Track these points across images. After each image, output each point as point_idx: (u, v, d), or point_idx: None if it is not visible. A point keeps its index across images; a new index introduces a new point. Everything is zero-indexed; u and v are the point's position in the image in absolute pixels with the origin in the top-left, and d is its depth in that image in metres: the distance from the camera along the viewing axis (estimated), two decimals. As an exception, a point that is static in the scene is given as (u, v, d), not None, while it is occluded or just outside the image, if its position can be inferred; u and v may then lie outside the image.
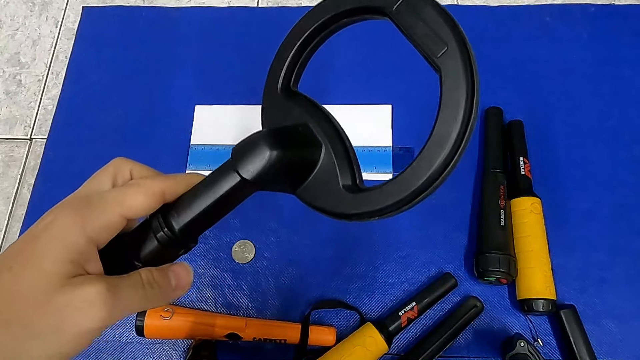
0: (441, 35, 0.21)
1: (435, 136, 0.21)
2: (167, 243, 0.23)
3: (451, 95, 0.20)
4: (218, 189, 0.23)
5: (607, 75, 0.59)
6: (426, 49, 0.21)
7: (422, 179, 0.21)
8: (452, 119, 0.20)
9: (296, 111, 0.25)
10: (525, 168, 0.53)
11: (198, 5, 0.68)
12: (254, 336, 0.48)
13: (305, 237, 0.54)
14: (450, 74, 0.21)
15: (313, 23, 0.25)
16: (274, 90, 0.26)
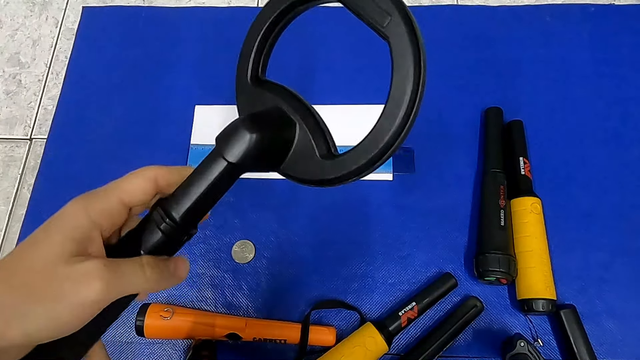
0: (384, 7, 0.23)
1: (393, 96, 0.24)
2: (170, 232, 0.24)
3: (401, 59, 0.23)
4: (209, 175, 0.25)
5: (607, 75, 0.59)
6: (373, 22, 0.23)
7: (388, 135, 0.24)
8: (405, 79, 0.23)
9: (267, 97, 0.27)
10: (525, 168, 0.53)
11: (198, 5, 0.68)
12: (254, 336, 0.48)
13: (305, 237, 0.54)
14: (397, 41, 0.23)
15: (269, 16, 0.27)
16: (244, 81, 0.28)
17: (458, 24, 0.64)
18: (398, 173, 0.56)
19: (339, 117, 0.59)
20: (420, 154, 0.57)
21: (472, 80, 0.60)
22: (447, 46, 0.62)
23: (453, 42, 0.62)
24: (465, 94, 0.60)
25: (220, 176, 0.25)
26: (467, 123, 0.58)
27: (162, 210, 0.25)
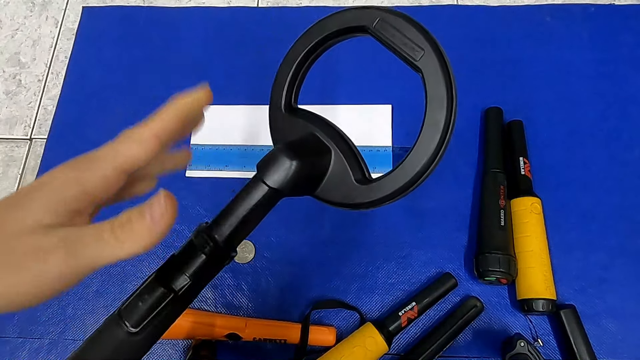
0: (417, 42, 0.26)
1: (427, 125, 0.25)
2: (213, 255, 0.25)
3: (435, 90, 0.25)
4: (250, 201, 0.26)
5: (607, 75, 0.59)
6: (406, 55, 0.26)
7: (422, 161, 0.26)
8: (439, 109, 0.25)
9: (301, 124, 0.29)
10: (525, 168, 0.53)
11: (198, 5, 0.68)
12: (254, 336, 0.48)
13: (305, 237, 0.54)
14: (431, 73, 0.25)
15: (304, 48, 0.28)
16: (278, 110, 0.29)
17: (458, 24, 0.64)
18: (398, 173, 0.56)
19: (343, 117, 0.59)
20: (420, 154, 0.57)
21: (472, 80, 0.60)
22: (447, 46, 0.61)
23: (453, 42, 0.62)
24: (465, 94, 0.59)
25: (262, 201, 0.26)
26: (467, 123, 0.58)
27: (206, 235, 0.26)
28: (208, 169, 0.57)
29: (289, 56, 0.29)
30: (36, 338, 0.51)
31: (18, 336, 0.51)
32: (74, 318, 0.52)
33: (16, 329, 0.52)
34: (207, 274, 0.26)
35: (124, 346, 0.24)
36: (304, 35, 0.28)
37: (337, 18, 0.27)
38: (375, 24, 0.26)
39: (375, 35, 0.26)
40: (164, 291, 0.24)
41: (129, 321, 0.23)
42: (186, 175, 0.57)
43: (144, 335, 0.24)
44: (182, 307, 0.26)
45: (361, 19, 0.26)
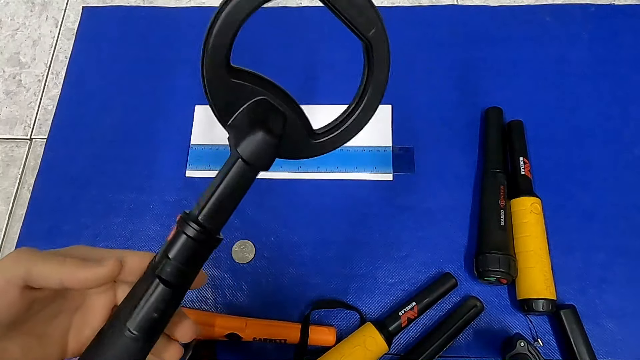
0: (370, 18, 0.27)
1: (373, 86, 0.30)
2: (196, 235, 0.25)
3: (380, 63, 0.29)
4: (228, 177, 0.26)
5: (607, 75, 0.59)
6: (359, 28, 0.27)
7: (368, 117, 0.31)
8: (381, 81, 0.30)
9: (249, 89, 0.28)
10: (525, 168, 0.53)
11: (198, 5, 0.68)
12: (254, 336, 0.48)
13: (305, 237, 0.54)
14: (378, 48, 0.28)
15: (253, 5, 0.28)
16: (220, 73, 0.28)
17: (458, 24, 0.64)
18: (398, 173, 0.56)
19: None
20: (420, 154, 0.57)
21: (472, 80, 0.60)
22: (447, 46, 0.62)
23: (453, 42, 0.62)
24: (465, 94, 0.60)
25: (237, 175, 0.26)
26: (467, 123, 0.58)
27: (186, 217, 0.26)
28: (208, 169, 0.57)
29: (232, 14, 0.27)
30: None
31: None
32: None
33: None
34: (194, 258, 0.25)
35: (129, 351, 0.24)
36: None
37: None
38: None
39: (332, 7, 0.27)
40: (165, 289, 0.24)
41: (142, 333, 0.24)
42: (186, 175, 0.57)
43: (145, 335, 0.24)
44: (177, 295, 0.26)
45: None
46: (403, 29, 0.63)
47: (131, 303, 0.25)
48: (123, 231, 0.55)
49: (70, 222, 0.56)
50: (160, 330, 0.26)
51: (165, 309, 0.25)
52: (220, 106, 0.28)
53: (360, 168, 0.56)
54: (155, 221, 0.55)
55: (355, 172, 0.56)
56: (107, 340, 0.24)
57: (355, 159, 0.57)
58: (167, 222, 0.55)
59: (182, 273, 0.25)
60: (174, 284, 0.25)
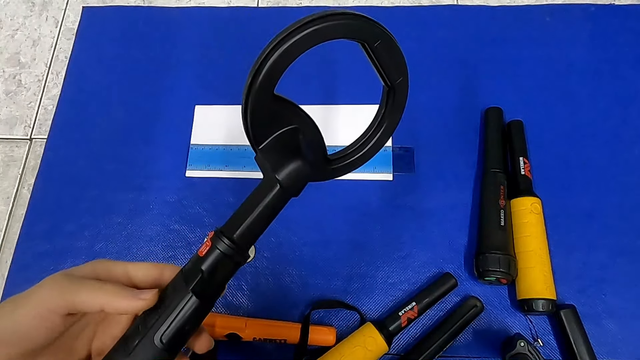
0: (400, 69, 0.31)
1: (387, 124, 0.34)
2: (228, 251, 0.27)
3: (397, 107, 0.33)
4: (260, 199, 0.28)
5: (607, 75, 0.59)
6: (389, 76, 0.31)
7: (375, 152, 0.35)
8: (396, 120, 0.34)
9: (285, 117, 0.29)
10: (525, 168, 0.53)
11: (198, 5, 0.68)
12: (254, 336, 0.48)
13: (305, 237, 0.54)
14: (400, 96, 0.33)
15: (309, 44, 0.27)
16: (265, 101, 0.28)
17: (458, 24, 0.64)
18: (398, 173, 0.56)
19: (343, 117, 0.59)
20: (420, 154, 0.57)
21: (472, 80, 0.60)
22: (447, 46, 0.62)
23: (453, 42, 0.62)
24: (465, 94, 0.60)
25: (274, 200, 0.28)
26: (467, 123, 0.58)
27: (219, 232, 0.27)
28: (208, 169, 0.57)
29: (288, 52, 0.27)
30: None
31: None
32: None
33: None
34: (223, 273, 0.27)
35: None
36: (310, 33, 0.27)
37: (346, 27, 0.27)
38: (376, 44, 0.29)
39: (370, 52, 0.29)
40: (199, 302, 0.26)
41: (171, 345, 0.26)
42: (186, 175, 0.57)
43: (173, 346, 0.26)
44: (207, 309, 0.27)
45: (367, 34, 0.28)
46: (403, 29, 0.63)
47: (164, 315, 0.26)
48: (123, 231, 0.55)
49: (70, 222, 0.56)
50: (186, 341, 0.27)
51: (196, 321, 0.26)
52: (256, 131, 0.29)
53: (360, 168, 0.56)
54: (155, 221, 0.55)
55: (355, 172, 0.56)
56: (136, 348, 0.25)
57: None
58: (167, 222, 0.55)
59: (214, 288, 0.27)
60: (206, 298, 0.26)
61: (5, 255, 0.56)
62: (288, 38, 0.26)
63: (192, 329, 0.26)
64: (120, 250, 0.54)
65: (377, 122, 0.33)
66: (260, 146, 0.29)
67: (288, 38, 0.26)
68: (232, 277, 0.28)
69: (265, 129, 0.29)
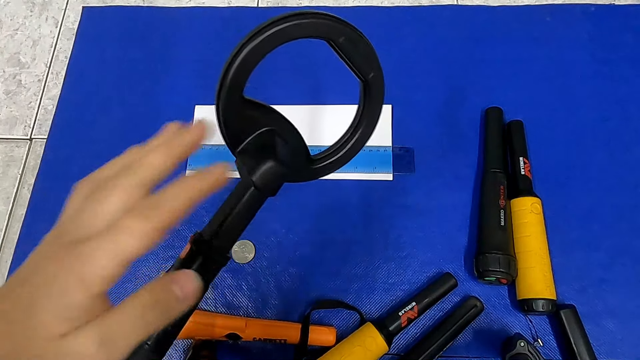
0: (371, 64, 0.31)
1: (368, 119, 0.33)
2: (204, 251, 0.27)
3: (375, 101, 0.32)
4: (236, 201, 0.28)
5: (607, 75, 0.59)
6: (361, 71, 0.31)
7: (360, 147, 0.34)
8: (376, 114, 0.33)
9: (260, 120, 0.30)
10: (525, 168, 0.53)
11: (198, 5, 0.68)
12: (254, 336, 0.48)
13: (305, 237, 0.54)
14: (377, 89, 0.32)
15: (270, 47, 0.28)
16: (235, 106, 0.29)
17: (458, 24, 0.64)
18: (398, 173, 0.56)
19: (342, 117, 0.59)
20: (420, 154, 0.57)
21: (472, 80, 0.60)
22: (447, 46, 0.62)
23: (453, 42, 0.62)
24: (465, 94, 0.60)
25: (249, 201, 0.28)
26: (467, 123, 0.58)
27: (199, 235, 0.28)
28: (208, 169, 0.57)
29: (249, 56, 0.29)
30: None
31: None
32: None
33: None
34: (205, 274, 0.27)
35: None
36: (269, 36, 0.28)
37: (307, 25, 0.28)
38: (341, 40, 0.29)
39: (336, 49, 0.30)
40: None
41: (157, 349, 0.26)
42: (187, 175, 0.57)
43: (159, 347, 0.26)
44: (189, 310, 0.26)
45: (329, 32, 0.29)
46: (403, 29, 0.63)
47: None
48: (123, 231, 0.55)
49: (70, 222, 0.56)
50: (172, 341, 0.27)
51: (179, 322, 0.26)
52: (231, 135, 0.29)
53: (360, 168, 0.56)
54: (155, 221, 0.55)
55: (355, 172, 0.56)
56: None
57: (355, 158, 0.56)
58: (167, 222, 0.55)
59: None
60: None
61: (5, 255, 0.56)
62: (250, 41, 0.28)
63: (177, 329, 0.27)
64: (120, 250, 0.54)
65: (358, 119, 0.33)
66: (238, 149, 0.29)
67: (250, 41, 0.28)
68: (214, 279, 0.28)
69: (240, 132, 0.29)
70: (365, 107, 0.33)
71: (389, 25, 0.64)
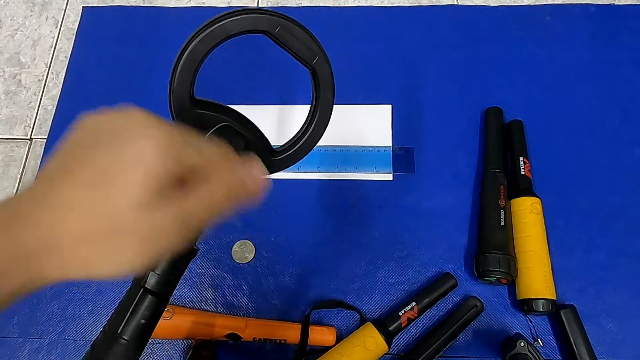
0: (312, 48, 0.31)
1: (322, 105, 0.33)
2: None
3: (325, 86, 0.32)
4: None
5: (607, 75, 0.59)
6: (303, 58, 0.31)
7: (320, 133, 0.34)
8: (329, 101, 0.33)
9: (212, 117, 0.32)
10: (525, 168, 0.53)
11: (198, 5, 0.68)
12: (254, 336, 0.48)
13: (305, 237, 0.54)
14: (323, 74, 0.32)
15: (207, 47, 0.31)
16: (185, 107, 0.32)
17: (458, 24, 0.64)
18: (398, 173, 0.56)
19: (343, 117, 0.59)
20: (420, 154, 0.57)
21: (472, 80, 0.60)
22: (447, 46, 0.62)
23: (453, 42, 0.62)
24: (465, 94, 0.60)
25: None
26: (467, 123, 0.58)
27: None
28: (208, 169, 0.57)
29: (188, 59, 0.32)
30: (36, 338, 0.51)
31: (18, 336, 0.51)
32: (74, 318, 0.52)
33: (16, 329, 0.52)
34: (174, 267, 0.29)
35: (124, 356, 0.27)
36: (203, 38, 0.31)
37: (240, 22, 0.30)
38: (277, 30, 0.30)
39: (275, 39, 0.31)
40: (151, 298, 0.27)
41: (134, 339, 0.27)
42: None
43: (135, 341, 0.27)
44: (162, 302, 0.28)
45: (264, 25, 0.30)
46: (403, 29, 0.63)
47: (121, 315, 0.27)
48: (123, 231, 0.55)
49: (70, 222, 0.56)
50: (149, 335, 0.28)
51: (152, 315, 0.28)
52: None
53: (360, 168, 0.56)
54: (155, 221, 0.55)
55: (355, 172, 0.56)
56: (102, 350, 0.27)
57: (355, 158, 0.57)
58: (167, 222, 0.55)
59: (164, 283, 0.28)
60: (157, 293, 0.28)
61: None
62: (191, 41, 0.30)
63: (151, 322, 0.28)
64: (120, 250, 0.54)
65: (313, 107, 0.34)
66: None
67: (191, 41, 0.30)
68: (185, 269, 0.30)
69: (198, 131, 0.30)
70: (318, 95, 0.33)
71: (389, 25, 0.64)
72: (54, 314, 0.52)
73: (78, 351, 0.50)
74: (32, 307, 0.52)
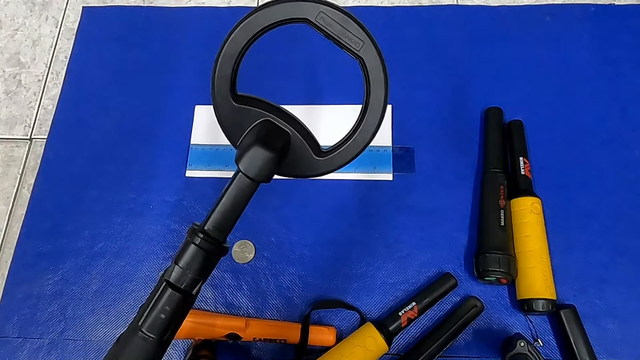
0: (357, 35, 0.29)
1: (372, 102, 0.31)
2: (203, 244, 0.28)
3: (375, 76, 0.30)
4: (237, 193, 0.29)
5: (607, 75, 0.59)
6: (348, 45, 0.29)
7: (371, 132, 0.32)
8: (380, 89, 0.30)
9: (254, 112, 0.31)
10: (525, 168, 0.53)
11: (198, 5, 0.68)
12: (254, 336, 0.48)
13: (305, 237, 0.54)
14: (371, 61, 0.30)
15: (246, 38, 0.30)
16: (226, 102, 0.30)
17: (458, 24, 0.64)
18: (398, 173, 0.56)
19: (343, 117, 0.59)
20: (420, 154, 0.57)
21: (472, 80, 0.60)
22: (447, 46, 0.62)
23: (453, 42, 0.62)
24: (465, 94, 0.60)
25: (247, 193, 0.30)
26: (467, 123, 0.58)
27: (197, 229, 0.29)
28: (208, 169, 0.57)
29: (229, 48, 0.30)
30: (36, 338, 0.51)
31: (18, 336, 0.51)
32: (74, 318, 0.52)
33: (16, 329, 0.52)
34: (202, 263, 0.28)
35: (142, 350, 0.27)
36: (243, 26, 0.29)
37: (279, 9, 0.29)
38: (317, 17, 0.29)
39: (316, 27, 0.29)
40: (172, 292, 0.27)
41: (153, 333, 0.27)
42: (186, 175, 0.57)
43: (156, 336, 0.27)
44: (185, 299, 0.28)
45: (304, 11, 0.29)
46: (403, 29, 0.63)
47: (143, 308, 0.27)
48: (123, 231, 0.55)
49: (70, 222, 0.56)
50: (168, 330, 0.27)
51: (173, 310, 0.27)
52: (229, 128, 0.31)
53: (360, 168, 0.56)
54: (155, 221, 0.55)
55: (355, 172, 0.56)
56: (124, 341, 0.27)
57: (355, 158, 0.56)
58: (167, 222, 0.55)
59: (189, 279, 0.27)
60: (179, 288, 0.27)
61: (5, 255, 0.56)
62: (231, 33, 0.29)
63: (172, 318, 0.27)
64: (120, 250, 0.54)
65: (364, 104, 0.31)
66: (238, 143, 0.31)
67: (231, 33, 0.29)
68: (213, 268, 0.29)
69: (237, 126, 0.30)
70: (368, 91, 0.31)
71: (389, 25, 0.64)
72: (54, 314, 0.52)
73: (78, 351, 0.50)
74: (32, 307, 0.52)
